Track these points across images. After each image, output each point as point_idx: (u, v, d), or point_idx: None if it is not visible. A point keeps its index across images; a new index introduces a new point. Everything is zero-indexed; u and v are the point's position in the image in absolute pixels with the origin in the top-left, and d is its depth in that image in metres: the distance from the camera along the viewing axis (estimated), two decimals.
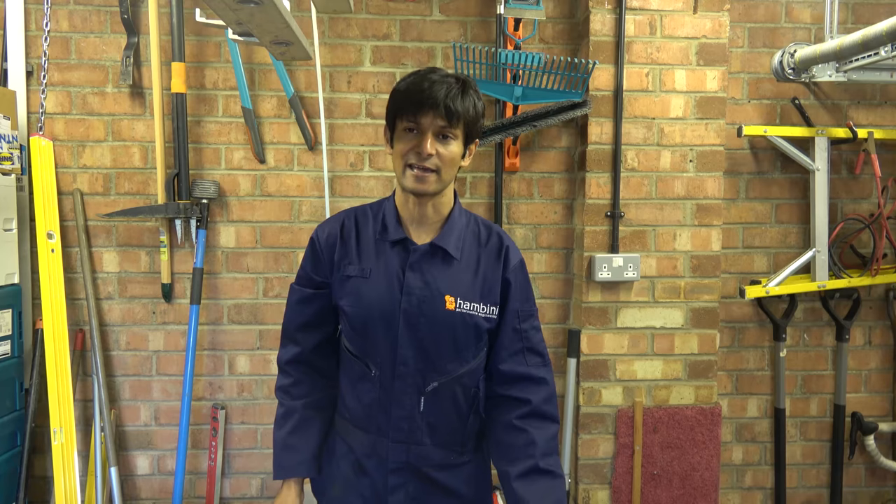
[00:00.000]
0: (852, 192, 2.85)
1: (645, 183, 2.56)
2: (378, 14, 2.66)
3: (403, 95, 1.35)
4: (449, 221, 1.45)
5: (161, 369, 2.69)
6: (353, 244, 1.46)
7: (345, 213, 1.53)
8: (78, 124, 2.61)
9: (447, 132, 1.34)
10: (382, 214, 1.47)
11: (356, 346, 1.47)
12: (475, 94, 1.39)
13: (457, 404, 1.47)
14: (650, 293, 2.58)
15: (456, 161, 1.38)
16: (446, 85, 1.34)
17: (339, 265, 1.46)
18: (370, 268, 1.43)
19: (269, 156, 2.66)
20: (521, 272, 1.49)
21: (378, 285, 1.41)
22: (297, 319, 1.52)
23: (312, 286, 1.50)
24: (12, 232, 2.49)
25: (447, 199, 1.46)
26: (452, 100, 1.32)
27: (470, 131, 1.39)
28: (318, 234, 1.50)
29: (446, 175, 1.37)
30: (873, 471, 2.93)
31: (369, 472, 1.47)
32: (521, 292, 1.49)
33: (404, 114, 1.35)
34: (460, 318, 1.41)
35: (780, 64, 2.69)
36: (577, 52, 2.67)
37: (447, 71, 1.40)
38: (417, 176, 1.35)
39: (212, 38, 2.62)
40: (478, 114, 1.40)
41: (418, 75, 1.37)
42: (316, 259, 1.49)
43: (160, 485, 2.72)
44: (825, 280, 2.70)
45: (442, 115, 1.32)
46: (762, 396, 2.87)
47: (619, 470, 2.59)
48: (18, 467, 2.50)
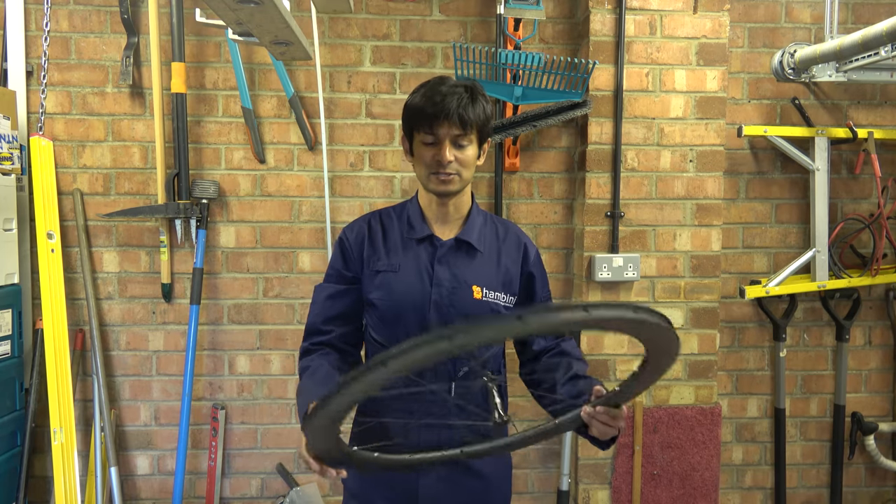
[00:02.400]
0: (852, 192, 2.85)
1: (645, 183, 2.56)
2: (378, 14, 2.66)
3: (419, 110, 1.46)
4: (469, 218, 1.58)
5: (161, 369, 2.69)
6: (380, 242, 1.57)
7: (369, 214, 1.64)
8: (78, 124, 2.61)
9: (462, 140, 1.46)
10: (407, 214, 1.59)
11: (385, 335, 1.54)
12: (483, 98, 1.49)
13: (486, 395, 1.52)
14: (650, 293, 2.58)
15: (473, 162, 1.51)
16: (457, 96, 1.44)
17: (368, 262, 1.56)
18: (399, 263, 1.54)
19: (269, 156, 2.66)
20: (539, 263, 1.64)
21: (408, 278, 1.52)
22: (325, 313, 1.58)
23: (344, 282, 1.58)
24: (12, 232, 2.49)
25: (466, 198, 1.58)
26: (464, 109, 1.43)
27: (482, 133, 1.51)
28: (345, 233, 1.61)
29: (466, 175, 1.50)
30: (873, 471, 2.93)
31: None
32: (543, 280, 1.64)
33: (421, 128, 1.46)
34: (486, 306, 1.52)
35: (780, 64, 2.69)
36: (577, 52, 2.67)
37: (454, 80, 1.50)
38: (441, 180, 1.48)
39: (212, 38, 2.62)
40: (487, 116, 1.51)
41: (429, 88, 1.48)
42: (346, 256, 1.59)
43: (160, 485, 2.72)
44: (825, 280, 2.70)
45: (456, 124, 1.43)
46: (762, 396, 2.87)
47: (619, 470, 2.59)
48: (18, 467, 2.50)
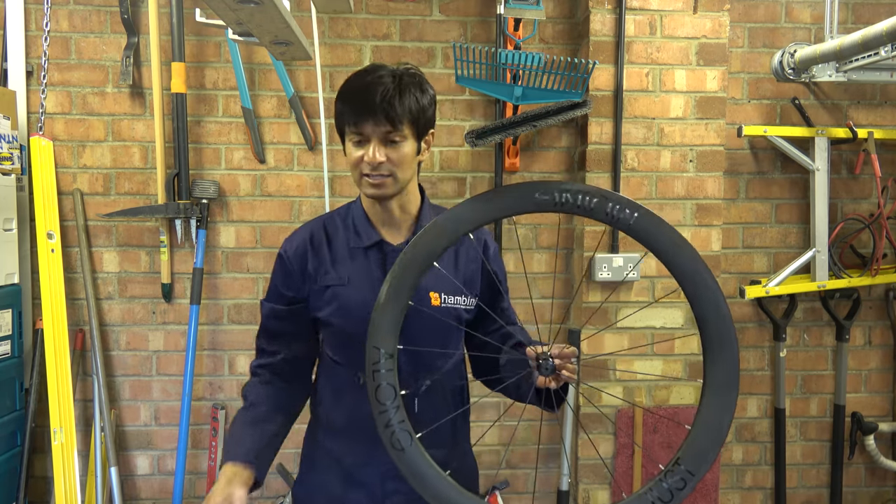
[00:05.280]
0: (852, 192, 2.85)
1: (645, 183, 2.56)
2: (378, 14, 2.66)
3: (342, 102, 1.32)
4: (421, 218, 1.44)
5: (161, 369, 2.69)
6: (325, 253, 1.42)
7: (311, 223, 1.48)
8: (78, 124, 2.61)
9: (394, 136, 1.30)
10: (352, 220, 1.44)
11: (341, 355, 1.44)
12: (416, 88, 1.33)
13: (447, 402, 1.48)
14: (650, 293, 2.58)
15: (410, 160, 1.34)
16: (382, 87, 1.28)
17: (314, 277, 1.42)
18: (348, 275, 1.40)
19: (269, 156, 2.66)
20: (500, 259, 1.55)
21: (360, 290, 1.38)
22: (269, 333, 1.46)
23: (284, 302, 1.44)
24: (12, 232, 2.49)
25: (413, 196, 1.43)
26: (389, 102, 1.27)
27: (418, 126, 1.34)
28: (285, 248, 1.45)
29: (403, 175, 1.35)
30: (873, 471, 2.93)
31: (364, 481, 1.43)
32: (503, 276, 1.54)
33: (346, 123, 1.32)
34: (447, 312, 1.41)
35: (780, 64, 2.69)
36: (577, 52, 2.67)
37: (386, 67, 1.34)
38: (373, 184, 1.33)
39: (212, 38, 2.62)
40: (423, 106, 1.34)
41: (355, 78, 1.33)
42: (286, 273, 1.43)
43: (160, 485, 2.72)
44: (825, 280, 2.70)
45: (382, 120, 1.28)
46: (762, 396, 2.87)
47: (619, 470, 2.59)
48: (18, 467, 2.50)
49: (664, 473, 1.11)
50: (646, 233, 1.13)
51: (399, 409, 1.12)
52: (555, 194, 1.14)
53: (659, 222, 1.13)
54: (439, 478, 1.13)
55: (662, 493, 1.10)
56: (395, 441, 1.12)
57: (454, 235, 1.16)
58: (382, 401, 1.12)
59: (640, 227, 1.13)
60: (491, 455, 2.75)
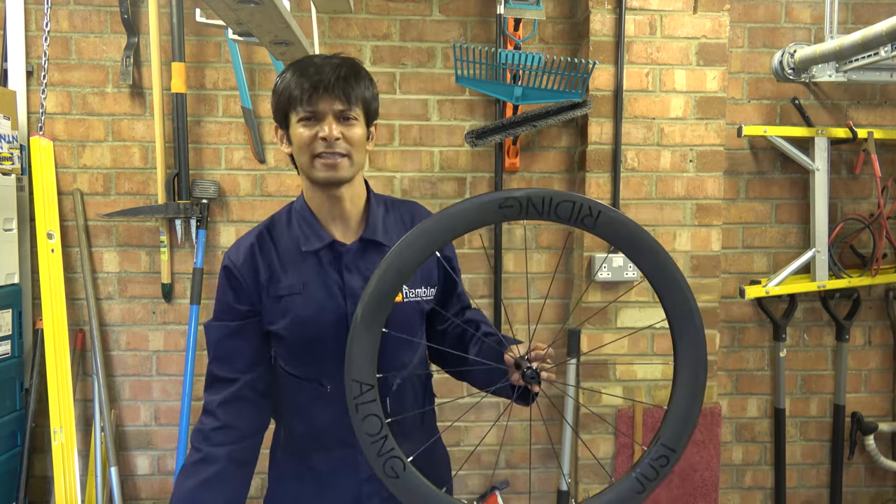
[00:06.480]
0: (852, 192, 2.85)
1: (645, 183, 2.56)
2: (378, 14, 2.66)
3: (293, 86, 1.26)
4: (370, 212, 1.38)
5: (161, 369, 2.69)
6: (275, 261, 1.34)
7: (255, 231, 1.39)
8: (78, 124, 2.61)
9: (348, 114, 1.27)
10: (298, 221, 1.36)
11: (301, 368, 1.36)
12: (366, 77, 1.32)
13: (416, 395, 1.46)
14: (650, 293, 2.58)
15: (362, 143, 1.31)
16: (334, 65, 1.26)
17: (266, 287, 1.33)
18: (302, 281, 1.32)
19: (269, 156, 2.66)
20: (450, 244, 1.48)
21: (317, 297, 1.31)
22: (225, 359, 1.35)
23: (238, 317, 1.34)
24: (12, 232, 2.49)
25: (361, 189, 1.39)
26: (345, 79, 1.25)
27: (369, 113, 1.32)
28: (230, 259, 1.35)
29: (358, 158, 1.30)
30: (873, 471, 2.93)
31: (338, 487, 1.39)
32: (456, 261, 1.51)
33: (298, 104, 1.25)
34: (410, 307, 1.38)
35: (780, 64, 2.69)
36: (577, 52, 2.67)
37: (328, 54, 1.32)
38: (328, 164, 1.26)
39: (212, 38, 2.62)
40: (374, 94, 1.33)
41: (300, 64, 1.29)
42: (235, 286, 1.34)
43: (160, 485, 2.72)
44: (825, 280, 2.70)
45: (339, 96, 1.25)
46: (762, 396, 2.87)
47: (619, 470, 2.59)
48: (18, 467, 2.50)
49: (646, 453, 1.15)
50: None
51: (388, 437, 1.11)
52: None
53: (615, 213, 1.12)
54: (438, 496, 1.13)
55: (646, 470, 1.14)
56: (389, 469, 1.11)
57: (423, 255, 1.10)
58: (371, 433, 1.10)
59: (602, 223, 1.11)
60: (491, 455, 2.76)
